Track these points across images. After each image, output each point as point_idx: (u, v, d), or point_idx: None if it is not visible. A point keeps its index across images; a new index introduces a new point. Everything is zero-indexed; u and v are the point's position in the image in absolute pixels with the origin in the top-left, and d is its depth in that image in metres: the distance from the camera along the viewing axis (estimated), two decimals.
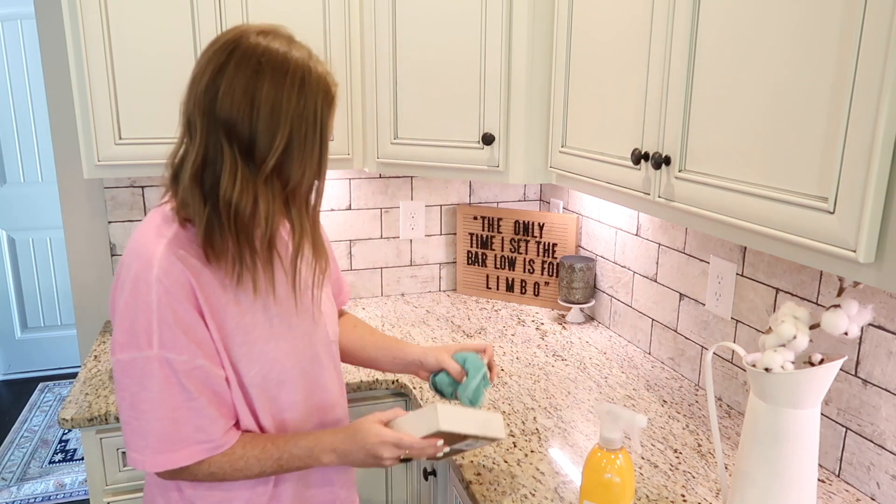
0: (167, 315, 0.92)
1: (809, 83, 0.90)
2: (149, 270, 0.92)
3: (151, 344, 0.92)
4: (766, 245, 1.01)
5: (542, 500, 1.20)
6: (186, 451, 0.96)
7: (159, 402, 0.94)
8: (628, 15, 1.32)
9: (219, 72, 0.92)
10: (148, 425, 0.94)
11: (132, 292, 0.93)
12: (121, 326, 0.93)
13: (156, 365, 0.93)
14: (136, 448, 0.95)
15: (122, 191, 2.01)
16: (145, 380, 0.93)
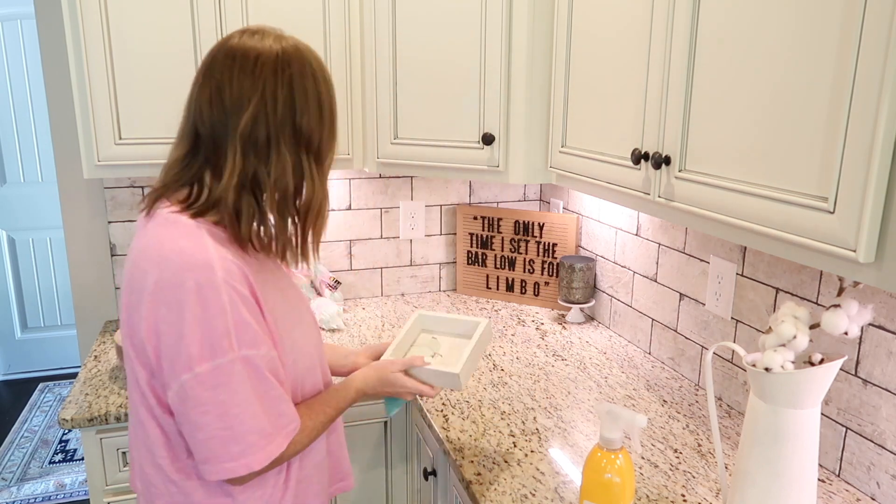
0: (240, 313, 0.92)
1: (809, 83, 0.90)
2: (212, 276, 0.91)
3: (232, 346, 0.91)
4: (766, 245, 1.01)
5: (542, 500, 1.20)
6: (278, 440, 0.97)
7: (250, 401, 0.93)
8: (628, 14, 1.32)
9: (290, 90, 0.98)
10: (243, 427, 0.93)
11: (199, 303, 0.90)
12: (193, 339, 0.90)
13: (240, 366, 0.92)
14: (233, 456, 0.93)
15: (122, 191, 2.01)
16: (232, 384, 0.92)
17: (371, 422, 1.73)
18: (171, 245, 0.93)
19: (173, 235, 0.94)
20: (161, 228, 0.96)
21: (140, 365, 0.96)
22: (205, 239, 0.94)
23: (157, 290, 0.91)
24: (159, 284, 0.91)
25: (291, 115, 0.97)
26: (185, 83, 1.66)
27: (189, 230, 0.94)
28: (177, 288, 0.90)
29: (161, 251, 0.93)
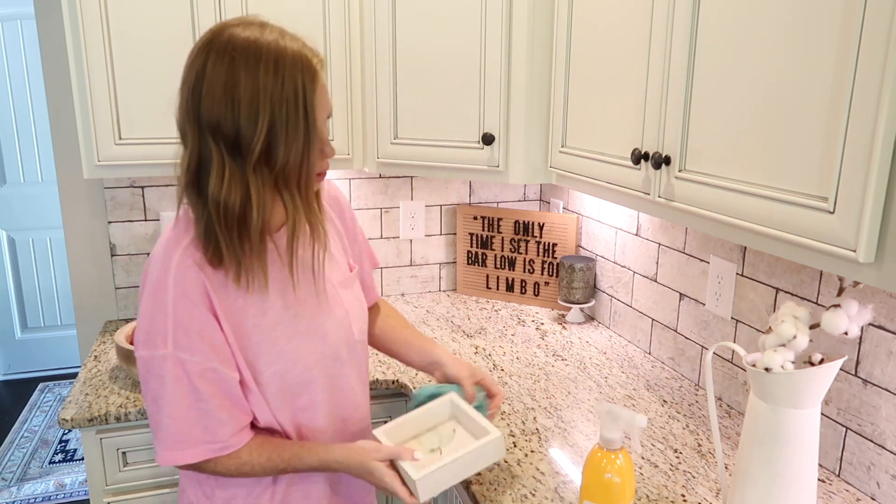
0: (182, 317, 0.96)
1: (809, 82, 0.90)
2: (166, 275, 0.97)
3: (167, 344, 0.96)
4: (766, 245, 1.01)
5: (542, 500, 1.20)
6: (193, 449, 1.00)
7: (173, 400, 0.98)
8: (628, 14, 1.32)
9: (199, 74, 0.93)
10: (163, 421, 0.99)
11: (151, 294, 0.97)
12: (141, 326, 0.98)
13: (170, 364, 0.97)
14: (156, 440, 1.01)
15: (122, 191, 2.01)
16: (162, 378, 0.97)
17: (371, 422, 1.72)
18: (160, 239, 1.03)
19: (166, 232, 1.03)
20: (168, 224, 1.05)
21: None
22: (182, 240, 0.99)
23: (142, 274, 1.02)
24: (143, 270, 1.02)
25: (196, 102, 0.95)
26: None
27: (176, 229, 1.01)
28: (146, 276, 1.00)
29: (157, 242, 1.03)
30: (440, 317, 2.13)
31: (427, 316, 2.14)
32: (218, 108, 0.92)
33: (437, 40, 1.73)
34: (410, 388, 1.65)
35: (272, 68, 0.93)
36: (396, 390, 1.71)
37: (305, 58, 0.97)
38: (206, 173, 0.94)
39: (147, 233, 2.05)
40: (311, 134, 0.97)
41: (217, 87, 0.92)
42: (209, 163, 0.94)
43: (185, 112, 0.95)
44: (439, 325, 2.05)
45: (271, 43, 0.95)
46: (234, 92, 0.92)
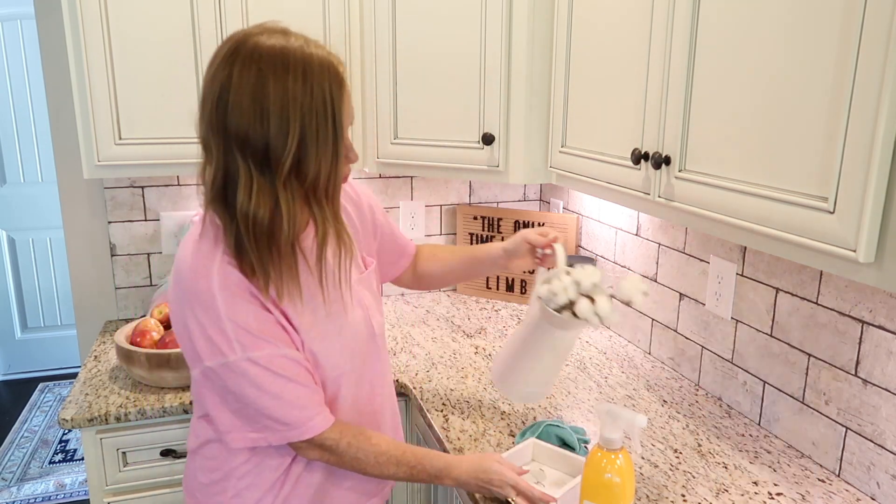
0: (238, 320, 0.96)
1: (809, 82, 0.90)
2: (210, 283, 0.95)
3: (234, 350, 0.96)
4: (766, 245, 1.01)
5: None
6: (308, 423, 1.02)
7: (259, 394, 0.98)
8: (628, 14, 1.32)
9: (224, 86, 0.92)
10: (260, 410, 1.00)
11: (200, 308, 0.96)
12: (199, 340, 0.97)
13: (245, 367, 0.97)
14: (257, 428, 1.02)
15: (122, 191, 2.01)
16: (241, 379, 0.98)
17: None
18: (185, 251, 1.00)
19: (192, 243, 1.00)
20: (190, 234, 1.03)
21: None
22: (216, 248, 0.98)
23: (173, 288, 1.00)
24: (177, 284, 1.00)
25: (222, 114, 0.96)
26: (185, 83, 1.68)
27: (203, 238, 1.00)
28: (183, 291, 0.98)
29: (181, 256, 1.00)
30: (440, 317, 2.13)
31: (427, 316, 2.14)
32: (246, 119, 0.91)
33: (437, 40, 1.73)
34: (411, 387, 1.65)
35: (300, 76, 0.91)
36: (396, 390, 1.71)
37: (332, 65, 0.96)
38: (234, 186, 0.93)
39: (147, 233, 2.05)
40: (340, 143, 0.96)
41: (245, 97, 0.90)
42: (236, 176, 0.93)
43: (210, 124, 0.94)
44: (439, 325, 2.05)
45: (297, 50, 0.93)
46: (264, 103, 0.90)
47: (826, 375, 1.28)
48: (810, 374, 1.32)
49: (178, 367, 1.57)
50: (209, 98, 0.94)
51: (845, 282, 1.23)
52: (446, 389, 1.62)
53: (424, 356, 1.82)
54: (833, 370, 1.27)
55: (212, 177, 0.95)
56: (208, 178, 0.96)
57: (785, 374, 1.38)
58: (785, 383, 1.38)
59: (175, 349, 1.58)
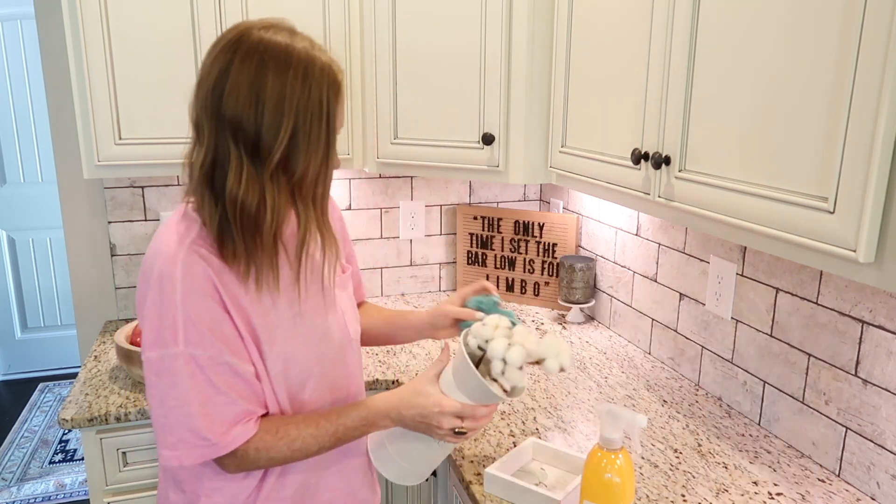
0: (192, 313, 0.94)
1: (810, 82, 0.90)
2: (173, 269, 0.94)
3: (177, 341, 0.93)
4: (766, 245, 1.01)
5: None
6: (213, 447, 0.96)
7: (188, 397, 0.95)
8: (628, 15, 1.32)
9: (224, 71, 0.93)
10: (177, 421, 0.95)
11: (158, 291, 0.94)
12: (149, 325, 0.95)
13: (182, 361, 0.94)
14: (167, 445, 0.96)
15: (122, 191, 2.01)
16: (173, 377, 0.94)
17: None
18: (159, 233, 0.99)
19: (168, 225, 0.99)
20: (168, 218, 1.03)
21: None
22: (187, 234, 0.97)
23: (141, 270, 0.98)
24: (143, 266, 0.98)
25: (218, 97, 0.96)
26: (185, 83, 1.67)
27: (179, 223, 0.99)
28: (148, 272, 0.96)
29: (155, 236, 0.99)
30: None
31: None
32: (241, 106, 0.92)
33: (437, 40, 1.73)
34: None
35: (301, 75, 0.93)
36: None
37: (333, 71, 0.97)
38: (222, 171, 0.93)
39: (147, 233, 2.05)
40: (331, 146, 0.97)
41: (243, 86, 0.91)
42: (226, 161, 0.93)
43: (204, 107, 0.94)
44: None
45: (301, 51, 0.95)
46: (260, 93, 0.91)
47: (826, 375, 1.28)
48: (810, 374, 1.32)
49: None
50: (206, 81, 0.94)
51: (845, 282, 1.23)
52: None
53: (424, 356, 1.82)
54: (833, 370, 1.27)
55: (201, 159, 0.95)
56: (196, 160, 0.96)
57: (785, 374, 1.38)
58: (785, 383, 1.38)
59: None
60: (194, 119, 0.97)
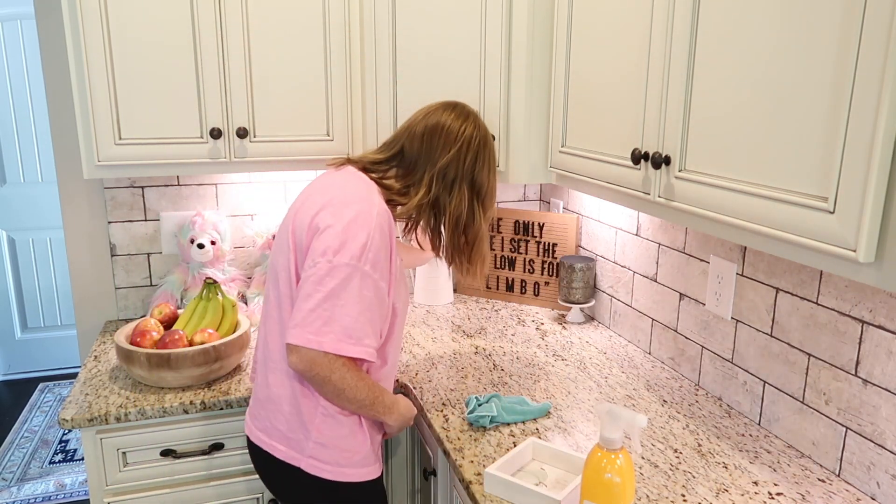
0: (376, 243, 1.22)
1: (810, 82, 0.90)
2: (371, 209, 1.24)
3: (361, 259, 1.20)
4: (766, 245, 1.01)
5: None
6: (358, 347, 1.21)
7: (353, 303, 1.20)
8: (629, 14, 1.32)
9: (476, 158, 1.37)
10: (337, 318, 1.19)
11: (354, 219, 1.22)
12: (341, 238, 1.20)
13: (359, 276, 1.20)
14: (319, 332, 1.19)
15: (122, 191, 2.01)
16: (348, 283, 1.19)
17: None
18: (353, 189, 1.29)
19: (361, 186, 1.30)
20: (352, 180, 1.32)
21: (294, 254, 1.28)
22: (376, 194, 1.30)
23: (334, 208, 1.24)
24: (338, 205, 1.25)
25: (473, 169, 1.36)
26: (185, 83, 1.68)
27: (370, 188, 1.31)
28: (347, 208, 1.23)
29: (343, 186, 1.29)
30: (440, 317, 2.13)
31: (427, 316, 2.14)
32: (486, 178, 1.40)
33: (437, 40, 1.73)
34: (411, 387, 1.65)
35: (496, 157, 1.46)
36: (397, 390, 1.71)
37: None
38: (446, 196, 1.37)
39: (147, 233, 2.05)
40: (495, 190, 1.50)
41: (488, 164, 1.42)
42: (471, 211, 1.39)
43: (464, 171, 1.37)
44: (439, 325, 2.05)
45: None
46: (492, 169, 1.44)
47: (826, 375, 1.28)
48: (810, 374, 1.32)
49: (178, 367, 1.57)
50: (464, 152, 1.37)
51: (845, 282, 1.23)
52: (446, 389, 1.62)
53: (424, 356, 1.82)
54: (833, 370, 1.27)
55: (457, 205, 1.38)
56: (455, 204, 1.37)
57: (785, 373, 1.38)
58: (785, 383, 1.38)
59: (175, 349, 1.57)
60: (442, 174, 1.35)
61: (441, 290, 2.24)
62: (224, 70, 1.70)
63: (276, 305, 1.31)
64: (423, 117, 1.38)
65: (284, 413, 1.30)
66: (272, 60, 1.74)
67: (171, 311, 1.77)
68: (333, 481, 1.29)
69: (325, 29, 1.76)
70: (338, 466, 1.29)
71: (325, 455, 1.28)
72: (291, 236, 1.29)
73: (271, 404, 1.31)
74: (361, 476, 1.32)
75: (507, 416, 1.44)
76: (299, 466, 1.29)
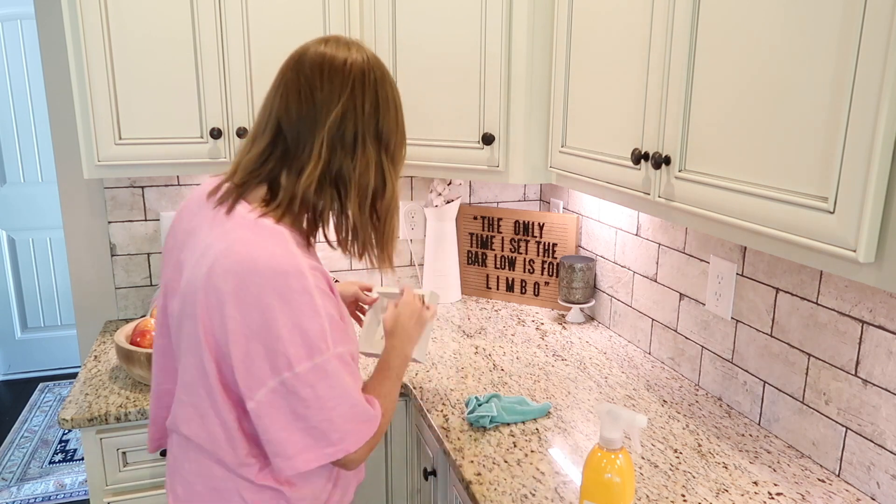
0: (331, 315, 0.98)
1: (810, 82, 0.90)
2: (305, 282, 0.95)
3: (328, 346, 0.97)
4: (766, 245, 1.01)
5: (542, 500, 1.20)
6: (368, 423, 1.04)
7: (344, 392, 0.99)
8: (629, 14, 1.32)
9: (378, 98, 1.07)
10: (343, 416, 0.99)
11: (295, 306, 0.94)
12: (292, 341, 0.94)
13: (335, 363, 0.98)
14: (333, 441, 0.99)
15: (122, 191, 2.01)
16: (329, 379, 0.97)
17: None
18: (261, 251, 0.95)
19: (262, 241, 0.97)
20: (247, 231, 0.98)
21: (215, 363, 0.98)
22: (291, 245, 0.97)
23: (246, 294, 0.94)
24: (250, 290, 0.94)
25: (375, 116, 1.04)
26: (185, 83, 1.68)
27: (276, 236, 0.98)
28: (271, 293, 0.93)
29: (251, 255, 0.95)
30: (440, 317, 2.13)
31: None
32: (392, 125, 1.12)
33: (437, 40, 1.73)
34: (411, 388, 1.65)
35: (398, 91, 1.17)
36: None
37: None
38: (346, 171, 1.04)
39: (147, 233, 2.05)
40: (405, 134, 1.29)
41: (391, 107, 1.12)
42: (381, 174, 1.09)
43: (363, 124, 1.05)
44: (439, 325, 2.05)
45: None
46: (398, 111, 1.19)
47: (826, 375, 1.28)
48: (810, 374, 1.32)
49: None
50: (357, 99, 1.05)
51: (845, 282, 1.23)
52: (446, 389, 1.62)
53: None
54: (833, 370, 1.27)
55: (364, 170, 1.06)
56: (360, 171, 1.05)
57: (785, 374, 1.38)
58: (785, 383, 1.38)
59: None
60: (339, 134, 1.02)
61: (450, 288, 2.24)
62: (224, 70, 1.70)
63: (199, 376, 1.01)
64: (292, 66, 1.05)
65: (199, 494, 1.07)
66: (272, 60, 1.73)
67: None
68: None
69: (325, 29, 1.76)
70: None
71: None
72: (203, 340, 0.98)
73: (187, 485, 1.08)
74: None
75: (507, 416, 1.44)
76: None
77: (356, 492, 1.24)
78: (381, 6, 1.76)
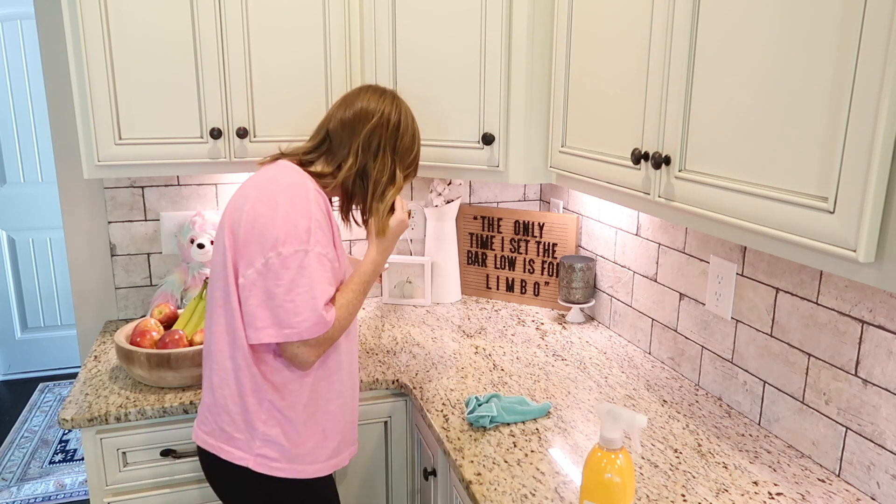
0: (319, 219, 1.25)
1: (810, 82, 0.90)
2: (306, 191, 1.27)
3: (310, 241, 1.23)
4: (766, 245, 1.01)
5: (542, 500, 1.20)
6: (329, 313, 1.25)
7: (311, 284, 1.22)
8: (628, 15, 1.32)
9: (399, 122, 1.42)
10: (304, 303, 1.21)
11: (291, 202, 1.24)
12: (283, 228, 1.22)
13: (313, 257, 1.23)
14: (291, 324, 1.22)
15: (122, 191, 2.01)
16: (304, 269, 1.22)
17: (371, 422, 1.73)
18: (282, 177, 1.30)
19: (288, 173, 1.32)
20: (280, 170, 1.33)
21: (233, 249, 1.26)
22: (309, 180, 1.31)
23: (262, 193, 1.27)
24: (266, 191, 1.27)
25: (396, 135, 1.40)
26: (185, 83, 1.68)
27: (297, 173, 1.32)
28: (280, 197, 1.25)
29: (274, 176, 1.30)
30: (440, 317, 2.13)
31: (427, 316, 2.14)
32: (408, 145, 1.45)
33: (437, 40, 1.73)
34: (411, 387, 1.65)
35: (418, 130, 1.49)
36: (396, 390, 1.71)
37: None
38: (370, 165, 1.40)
39: (147, 233, 2.05)
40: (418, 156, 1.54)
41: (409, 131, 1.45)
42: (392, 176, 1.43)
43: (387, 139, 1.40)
44: (439, 325, 2.05)
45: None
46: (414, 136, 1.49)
47: (826, 375, 1.28)
48: (810, 374, 1.32)
49: (178, 367, 1.57)
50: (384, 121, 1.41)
51: (845, 282, 1.23)
52: (446, 389, 1.62)
53: (424, 356, 1.82)
54: (833, 370, 1.27)
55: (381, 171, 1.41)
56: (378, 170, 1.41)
57: (785, 374, 1.38)
58: (785, 383, 1.38)
59: (175, 349, 1.57)
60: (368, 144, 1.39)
61: (450, 288, 2.24)
62: (224, 70, 1.70)
63: (220, 304, 1.29)
64: (342, 103, 1.43)
65: (231, 413, 1.29)
66: (272, 60, 1.74)
67: (171, 311, 1.77)
68: (283, 479, 1.30)
69: (325, 29, 1.77)
70: (287, 463, 1.30)
71: (272, 452, 1.28)
72: (228, 232, 1.28)
73: (217, 406, 1.31)
74: (311, 473, 1.33)
75: (507, 416, 1.44)
76: (247, 466, 1.28)
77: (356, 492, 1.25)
78: (381, 6, 1.76)
